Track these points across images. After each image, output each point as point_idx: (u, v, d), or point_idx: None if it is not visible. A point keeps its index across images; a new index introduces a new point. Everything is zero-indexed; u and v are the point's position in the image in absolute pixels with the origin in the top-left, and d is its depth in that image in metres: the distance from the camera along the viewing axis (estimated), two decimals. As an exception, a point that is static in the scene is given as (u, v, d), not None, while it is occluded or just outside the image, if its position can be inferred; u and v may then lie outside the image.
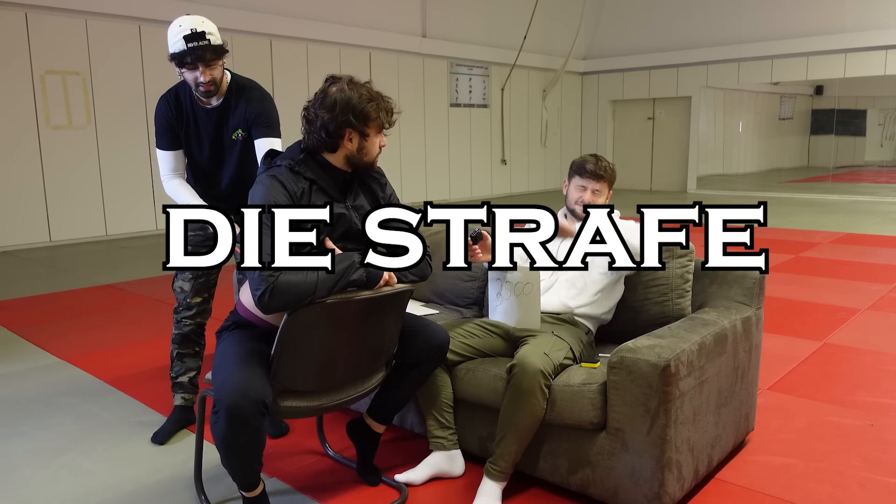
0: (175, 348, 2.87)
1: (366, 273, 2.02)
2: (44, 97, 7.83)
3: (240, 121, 2.73)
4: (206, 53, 2.50)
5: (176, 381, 2.89)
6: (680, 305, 2.54)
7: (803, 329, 4.28)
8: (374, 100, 2.09)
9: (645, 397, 2.04)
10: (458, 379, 2.43)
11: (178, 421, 2.85)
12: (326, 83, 2.10)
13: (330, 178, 2.13)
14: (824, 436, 2.77)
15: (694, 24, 13.51)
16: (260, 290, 1.87)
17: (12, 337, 4.37)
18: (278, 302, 1.88)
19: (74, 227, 8.22)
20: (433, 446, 2.45)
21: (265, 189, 2.03)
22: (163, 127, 2.73)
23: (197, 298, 2.83)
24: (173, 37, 2.50)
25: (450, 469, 2.43)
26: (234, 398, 1.85)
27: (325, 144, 2.09)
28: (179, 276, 2.82)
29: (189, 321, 2.84)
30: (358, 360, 2.13)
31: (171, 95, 2.73)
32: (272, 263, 1.89)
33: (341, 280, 1.96)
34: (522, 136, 14.01)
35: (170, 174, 2.77)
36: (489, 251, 2.45)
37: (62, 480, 2.51)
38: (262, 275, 1.88)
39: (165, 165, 2.76)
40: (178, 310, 2.85)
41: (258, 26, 9.53)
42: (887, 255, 6.69)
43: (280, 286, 1.87)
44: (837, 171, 14.58)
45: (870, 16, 11.63)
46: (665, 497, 2.07)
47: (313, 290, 1.90)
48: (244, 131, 2.74)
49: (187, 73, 2.57)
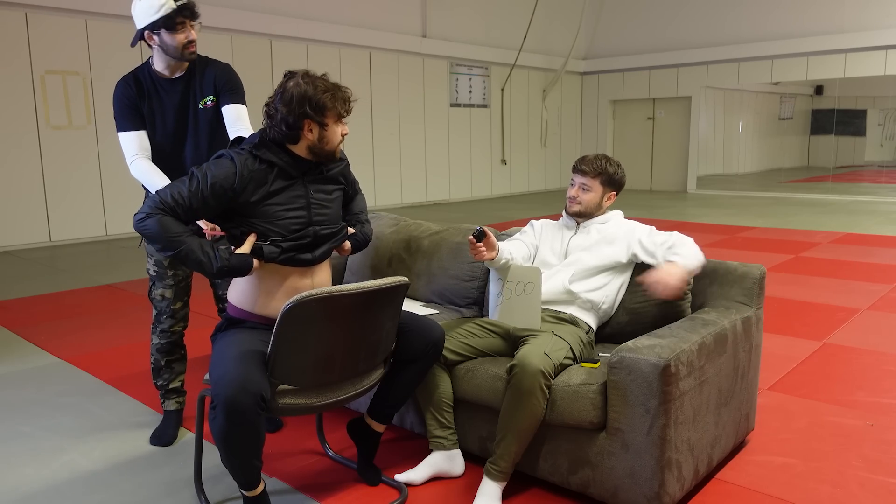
0: (162, 357, 2.85)
1: (227, 263, 2.09)
2: (44, 97, 7.83)
3: (208, 87, 2.73)
4: (194, 10, 2.58)
5: (169, 388, 2.89)
6: (681, 306, 2.54)
7: (803, 329, 4.28)
8: (330, 90, 2.16)
9: (645, 397, 2.04)
10: (459, 379, 2.43)
11: (176, 423, 2.88)
12: (285, 78, 2.17)
13: (293, 161, 2.20)
14: (824, 436, 2.77)
15: (694, 24, 13.51)
16: (143, 214, 2.03)
17: (12, 337, 4.37)
18: (149, 232, 2.04)
19: (74, 227, 8.22)
20: (433, 446, 2.45)
21: (217, 160, 2.14)
22: (125, 106, 2.66)
23: (178, 304, 2.81)
24: (154, 2, 2.50)
25: (450, 469, 2.43)
26: (232, 392, 1.86)
27: (286, 137, 2.16)
28: (158, 283, 2.79)
29: (175, 328, 2.83)
30: (355, 357, 2.13)
31: (129, 77, 2.70)
32: (170, 203, 2.04)
33: (191, 254, 2.05)
34: (522, 137, 14.01)
35: (136, 154, 2.66)
36: (493, 249, 2.46)
37: (62, 480, 2.51)
38: (157, 203, 2.04)
39: (131, 147, 2.66)
40: (160, 319, 2.82)
41: (258, 26, 9.54)
42: (887, 255, 6.69)
43: (162, 223, 2.03)
44: (837, 171, 14.59)
45: (870, 16, 11.63)
46: (665, 497, 2.07)
47: (169, 241, 2.03)
48: (213, 97, 2.74)
49: (175, 37, 2.56)
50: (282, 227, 2.17)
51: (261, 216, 2.16)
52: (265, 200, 2.16)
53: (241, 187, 2.12)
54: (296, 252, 2.20)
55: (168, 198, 2.05)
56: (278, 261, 2.18)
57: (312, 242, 2.23)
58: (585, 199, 2.66)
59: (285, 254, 2.18)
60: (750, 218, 9.72)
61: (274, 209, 2.16)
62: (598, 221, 2.71)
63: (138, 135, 2.67)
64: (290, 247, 2.18)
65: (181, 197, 2.06)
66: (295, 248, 2.19)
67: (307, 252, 2.23)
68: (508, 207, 11.58)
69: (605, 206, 2.72)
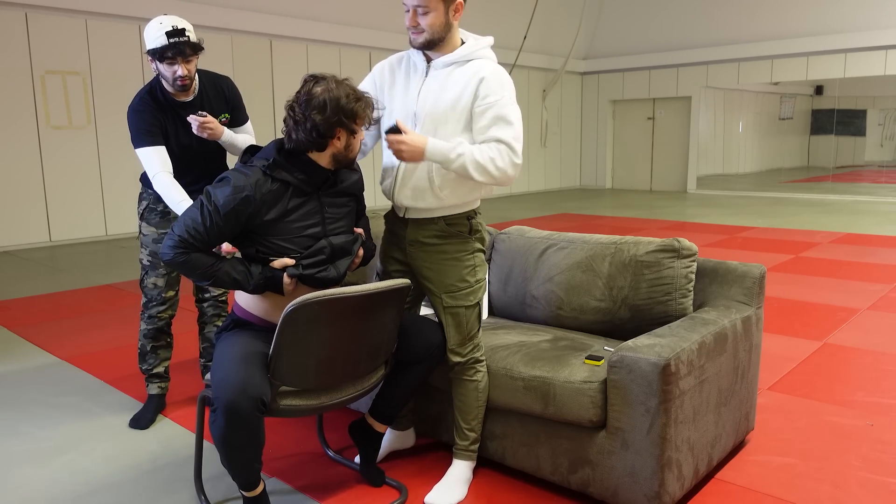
0: (148, 343, 3.00)
1: (262, 278, 2.10)
2: (44, 97, 7.84)
3: (220, 104, 2.88)
4: (185, 48, 2.66)
5: (152, 373, 3.03)
6: (682, 305, 2.54)
7: (803, 329, 4.28)
8: (361, 98, 2.12)
9: (645, 396, 2.04)
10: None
11: (156, 408, 3.03)
12: (311, 83, 2.10)
13: (308, 178, 2.15)
14: (824, 436, 2.77)
15: (694, 24, 13.51)
16: (170, 254, 2.05)
17: (12, 337, 4.37)
18: (182, 271, 2.08)
19: (74, 227, 8.22)
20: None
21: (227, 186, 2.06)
22: (147, 122, 2.75)
23: (170, 292, 2.96)
24: (154, 33, 2.64)
25: (401, 444, 2.63)
26: (233, 396, 1.86)
27: (313, 144, 2.11)
28: (151, 272, 2.92)
29: (163, 315, 2.97)
30: (357, 358, 2.13)
31: (146, 93, 2.80)
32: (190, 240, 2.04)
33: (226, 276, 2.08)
34: (523, 136, 13.99)
35: (160, 170, 2.74)
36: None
37: (62, 480, 2.51)
38: (178, 242, 2.04)
39: (154, 162, 2.74)
40: (148, 306, 2.96)
41: (258, 26, 9.53)
42: (887, 255, 6.69)
43: (191, 261, 2.06)
44: (837, 171, 14.58)
45: (870, 16, 11.63)
46: (665, 496, 2.07)
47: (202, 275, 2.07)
48: (227, 115, 2.91)
49: (165, 68, 2.69)
50: (297, 244, 2.13)
51: (276, 234, 2.11)
52: (282, 219, 2.12)
53: (256, 211, 2.07)
54: (315, 270, 2.14)
55: (186, 235, 2.04)
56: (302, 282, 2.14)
57: (330, 256, 2.18)
58: (427, 23, 2.16)
59: (306, 273, 2.13)
60: (750, 218, 9.72)
61: (290, 227, 2.13)
62: (456, 60, 2.22)
63: (158, 150, 2.76)
64: (308, 264, 2.13)
65: (197, 233, 2.04)
66: (313, 265, 2.14)
67: (328, 269, 2.17)
68: (508, 207, 11.58)
69: (455, 25, 2.22)
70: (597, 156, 15.33)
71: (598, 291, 2.65)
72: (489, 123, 2.16)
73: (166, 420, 3.01)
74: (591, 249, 2.72)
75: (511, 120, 2.18)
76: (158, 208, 2.90)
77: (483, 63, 2.22)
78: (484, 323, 2.81)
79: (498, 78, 2.19)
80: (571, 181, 15.52)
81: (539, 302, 2.80)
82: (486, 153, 2.14)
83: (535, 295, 2.81)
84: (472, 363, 2.34)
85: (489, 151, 2.14)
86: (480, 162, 2.13)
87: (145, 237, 2.92)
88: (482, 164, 2.13)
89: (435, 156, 2.12)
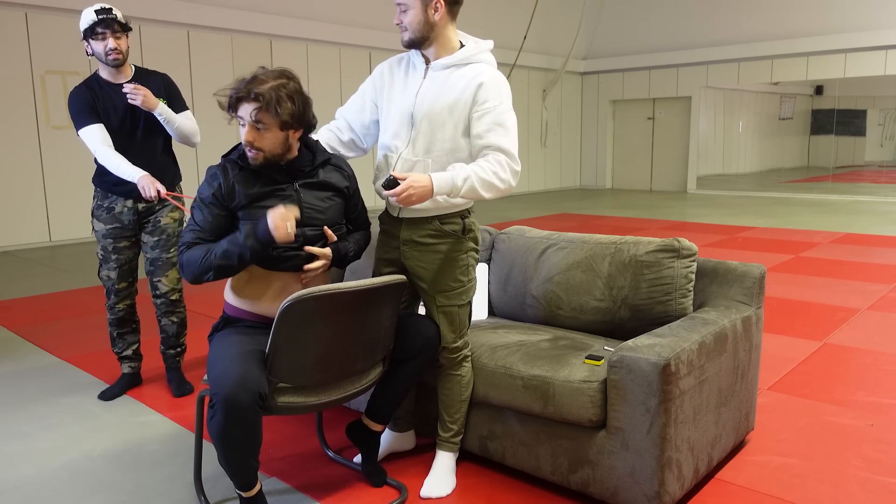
0: (114, 330, 3.29)
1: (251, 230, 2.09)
2: (44, 97, 7.84)
3: (158, 91, 3.10)
4: (113, 24, 2.95)
5: (122, 356, 3.34)
6: (682, 305, 2.54)
7: (803, 329, 4.28)
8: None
9: (645, 396, 2.04)
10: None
11: (125, 386, 3.34)
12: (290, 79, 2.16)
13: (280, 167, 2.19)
14: (824, 436, 2.77)
15: (694, 24, 13.51)
16: (180, 261, 2.16)
17: (12, 337, 4.37)
18: (187, 272, 2.14)
19: (74, 227, 8.22)
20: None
21: (207, 179, 2.20)
22: (84, 105, 3.01)
23: (122, 283, 3.21)
24: (85, 16, 2.94)
25: (400, 446, 2.64)
26: (232, 390, 1.86)
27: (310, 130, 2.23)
28: (104, 265, 3.18)
29: (121, 305, 3.24)
30: (355, 355, 2.13)
31: (81, 85, 3.05)
32: (191, 240, 2.15)
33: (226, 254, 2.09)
34: (522, 136, 14.00)
35: (100, 144, 3.00)
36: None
37: (62, 480, 2.51)
38: (181, 246, 2.17)
39: (95, 138, 3.00)
40: (108, 297, 3.23)
41: (258, 26, 9.54)
42: (887, 255, 6.69)
43: (187, 260, 2.13)
44: (837, 171, 14.59)
45: (870, 16, 11.63)
46: (665, 496, 2.07)
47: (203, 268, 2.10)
48: (165, 99, 3.12)
49: (97, 44, 2.96)
50: None
51: (254, 218, 2.14)
52: (254, 202, 2.15)
53: (229, 193, 2.15)
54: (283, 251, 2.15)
55: (189, 237, 2.16)
56: (266, 264, 2.17)
57: (301, 245, 2.19)
58: (407, 20, 2.17)
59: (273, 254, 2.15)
60: (750, 218, 9.72)
61: (263, 211, 2.13)
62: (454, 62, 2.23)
63: (98, 126, 3.02)
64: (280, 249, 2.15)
65: (197, 227, 2.16)
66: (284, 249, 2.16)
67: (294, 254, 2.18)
68: (508, 207, 11.58)
69: (438, 22, 2.18)
70: (597, 156, 15.34)
71: (598, 291, 2.65)
72: (487, 129, 2.17)
73: (166, 420, 3.02)
74: (590, 249, 2.72)
75: (508, 127, 2.19)
76: (105, 204, 3.13)
77: (482, 67, 2.22)
78: (484, 323, 2.81)
79: (496, 84, 2.20)
80: (571, 181, 15.52)
81: (539, 302, 2.80)
82: (488, 168, 2.15)
83: (534, 295, 2.81)
84: (461, 360, 2.38)
85: (490, 166, 2.15)
86: (486, 179, 2.14)
87: (97, 233, 3.17)
88: (488, 180, 2.14)
89: (443, 188, 2.11)
